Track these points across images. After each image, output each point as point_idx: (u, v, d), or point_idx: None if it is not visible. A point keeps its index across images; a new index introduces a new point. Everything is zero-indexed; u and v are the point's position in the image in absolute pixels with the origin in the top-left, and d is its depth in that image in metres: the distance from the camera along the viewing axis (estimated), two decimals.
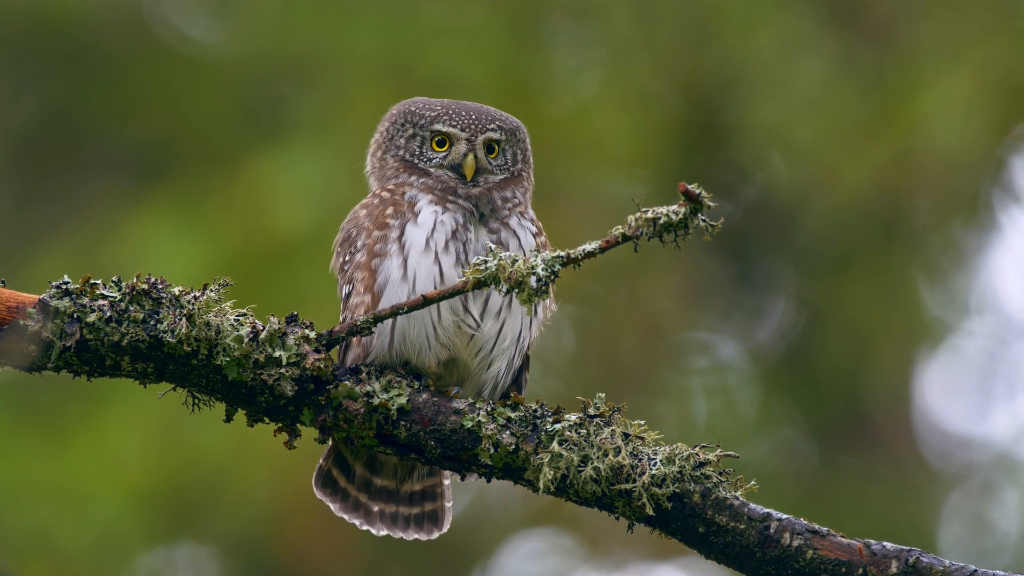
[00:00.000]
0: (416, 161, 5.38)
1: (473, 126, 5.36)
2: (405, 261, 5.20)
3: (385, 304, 5.17)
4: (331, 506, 5.38)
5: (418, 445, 5.00)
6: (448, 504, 5.41)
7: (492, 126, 5.38)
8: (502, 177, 5.37)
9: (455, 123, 5.37)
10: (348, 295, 5.29)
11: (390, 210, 5.28)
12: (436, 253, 5.19)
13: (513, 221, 5.32)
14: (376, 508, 5.37)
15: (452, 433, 4.99)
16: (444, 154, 5.38)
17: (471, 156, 5.34)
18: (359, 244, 5.28)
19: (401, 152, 5.41)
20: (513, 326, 5.25)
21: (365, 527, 5.39)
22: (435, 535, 5.42)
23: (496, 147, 5.40)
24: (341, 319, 5.31)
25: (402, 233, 5.23)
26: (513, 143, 5.43)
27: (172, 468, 9.89)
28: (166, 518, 10.01)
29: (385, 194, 5.34)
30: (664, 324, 10.94)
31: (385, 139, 5.46)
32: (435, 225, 5.23)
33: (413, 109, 5.43)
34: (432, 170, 5.36)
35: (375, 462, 5.37)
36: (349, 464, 5.36)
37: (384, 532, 5.39)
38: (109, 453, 9.89)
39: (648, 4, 10.91)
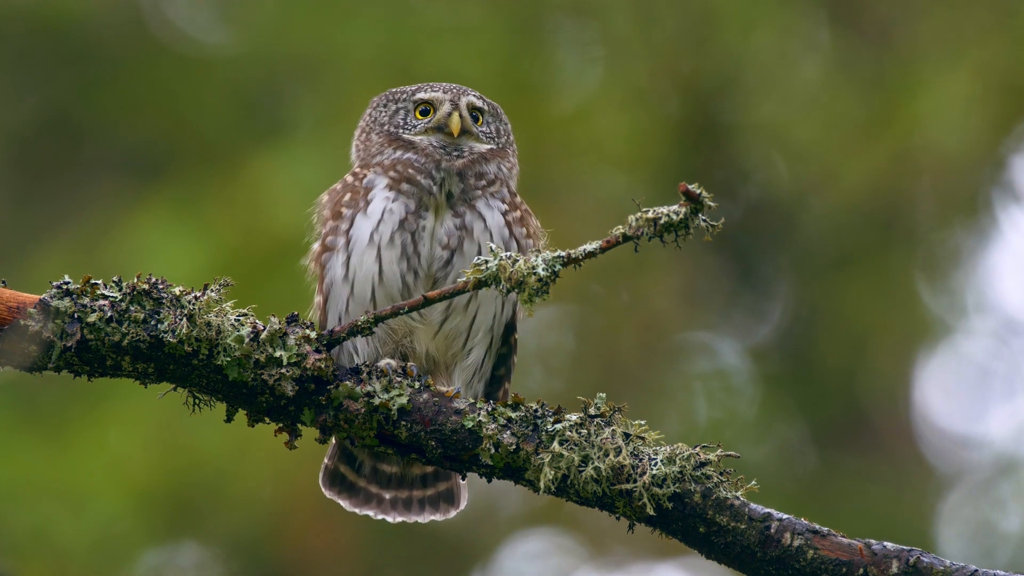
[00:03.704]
0: (401, 132, 5.35)
1: (454, 90, 5.39)
2: (348, 259, 5.17)
3: (332, 308, 5.14)
4: (342, 503, 5.33)
5: (419, 445, 5.00)
6: (463, 482, 5.35)
7: (474, 92, 5.41)
8: (488, 147, 5.35)
9: (436, 88, 5.41)
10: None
11: (347, 197, 5.23)
12: (379, 248, 5.15)
13: (480, 203, 5.26)
14: (388, 496, 5.33)
15: (453, 433, 4.98)
16: (428, 119, 5.36)
17: (456, 114, 5.33)
18: (315, 232, 5.26)
19: (386, 127, 5.38)
20: (486, 316, 5.21)
21: (380, 516, 5.34)
22: (452, 514, 5.36)
23: (480, 116, 5.39)
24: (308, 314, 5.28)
25: (351, 225, 5.19)
26: (496, 119, 5.43)
27: (172, 468, 9.88)
28: (166, 518, 10.00)
29: (349, 178, 5.29)
30: (664, 324, 10.94)
31: (368, 122, 5.44)
32: (383, 215, 5.18)
33: (394, 90, 5.46)
34: (417, 139, 5.32)
35: None
36: (355, 456, 5.34)
37: (399, 519, 5.34)
38: (109, 453, 9.88)
39: (647, 4, 10.90)
